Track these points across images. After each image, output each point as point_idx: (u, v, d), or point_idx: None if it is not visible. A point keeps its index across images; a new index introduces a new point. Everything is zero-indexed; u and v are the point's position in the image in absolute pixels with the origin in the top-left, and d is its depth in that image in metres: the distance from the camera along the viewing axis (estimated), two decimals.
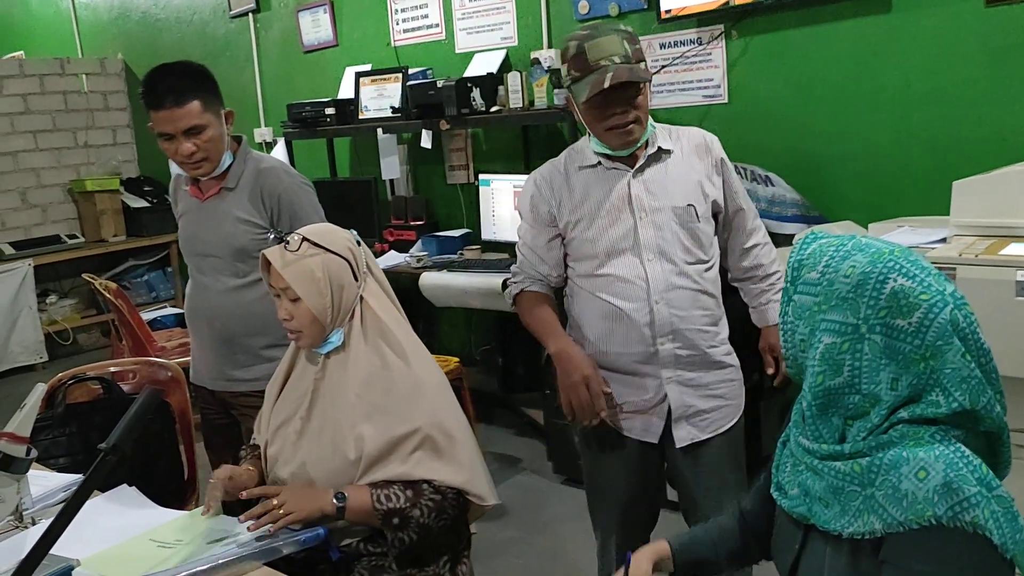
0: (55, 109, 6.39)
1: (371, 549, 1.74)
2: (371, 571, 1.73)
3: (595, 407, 2.00)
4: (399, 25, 4.76)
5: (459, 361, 3.77)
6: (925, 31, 3.08)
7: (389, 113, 4.43)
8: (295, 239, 1.74)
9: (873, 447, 1.15)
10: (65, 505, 1.31)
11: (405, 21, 4.73)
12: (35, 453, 1.65)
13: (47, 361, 5.94)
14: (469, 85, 4.00)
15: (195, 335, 2.49)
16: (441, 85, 4.03)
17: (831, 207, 3.33)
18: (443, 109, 4.01)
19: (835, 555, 1.20)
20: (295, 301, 1.73)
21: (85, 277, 4.67)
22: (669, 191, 2.01)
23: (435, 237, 4.34)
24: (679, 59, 3.66)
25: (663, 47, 3.71)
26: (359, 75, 4.70)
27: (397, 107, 4.39)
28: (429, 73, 4.49)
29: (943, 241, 2.46)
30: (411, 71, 4.50)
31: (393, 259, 4.31)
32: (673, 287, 1.99)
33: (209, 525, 1.69)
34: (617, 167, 2.03)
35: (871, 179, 3.28)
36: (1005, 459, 1.19)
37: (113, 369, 2.64)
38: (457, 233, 4.40)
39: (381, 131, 4.50)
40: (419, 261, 4.14)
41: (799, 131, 3.43)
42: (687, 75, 3.67)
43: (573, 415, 2.04)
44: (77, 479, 1.87)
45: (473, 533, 1.92)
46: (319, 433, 1.77)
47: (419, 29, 4.67)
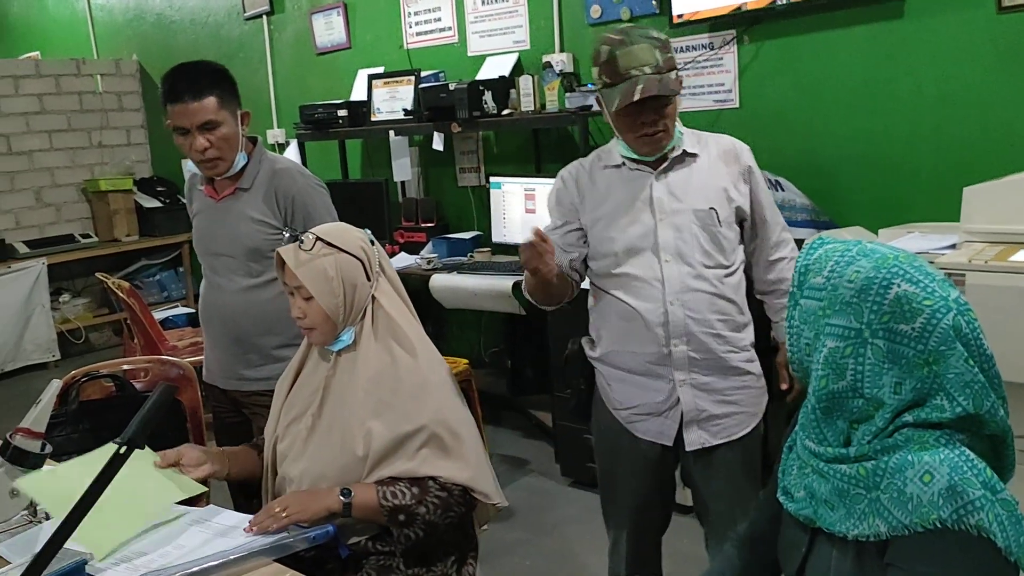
0: (70, 109, 6.44)
1: (379, 548, 1.75)
2: (378, 570, 1.74)
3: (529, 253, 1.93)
4: (412, 28, 4.78)
5: (468, 363, 3.77)
6: (937, 37, 3.08)
7: (401, 115, 4.45)
8: (309, 238, 1.76)
9: (878, 450, 1.16)
10: (80, 500, 1.32)
11: (418, 24, 4.75)
12: (50, 448, 1.68)
13: (59, 359, 5.99)
14: (481, 88, 4.01)
15: (208, 334, 2.51)
16: (453, 88, 4.05)
17: (841, 212, 3.33)
18: (455, 112, 4.02)
19: (841, 558, 1.21)
20: (308, 299, 1.75)
21: (98, 276, 4.70)
22: (691, 194, 2.02)
23: (446, 239, 4.36)
24: (691, 63, 3.67)
25: (675, 51, 3.72)
26: (372, 77, 4.73)
27: (409, 109, 4.41)
28: (441, 76, 4.51)
29: (953, 247, 2.46)
30: (423, 74, 4.52)
31: (403, 261, 4.33)
32: (689, 289, 1.99)
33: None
34: (641, 168, 2.04)
35: (881, 184, 3.28)
36: (1009, 463, 1.20)
37: (126, 367, 2.66)
38: (467, 235, 4.41)
39: (393, 133, 4.52)
40: (429, 263, 4.16)
41: (810, 136, 3.43)
42: (699, 79, 3.68)
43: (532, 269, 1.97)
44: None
45: (484, 530, 1.94)
46: (328, 430, 1.78)
47: (432, 32, 4.69)
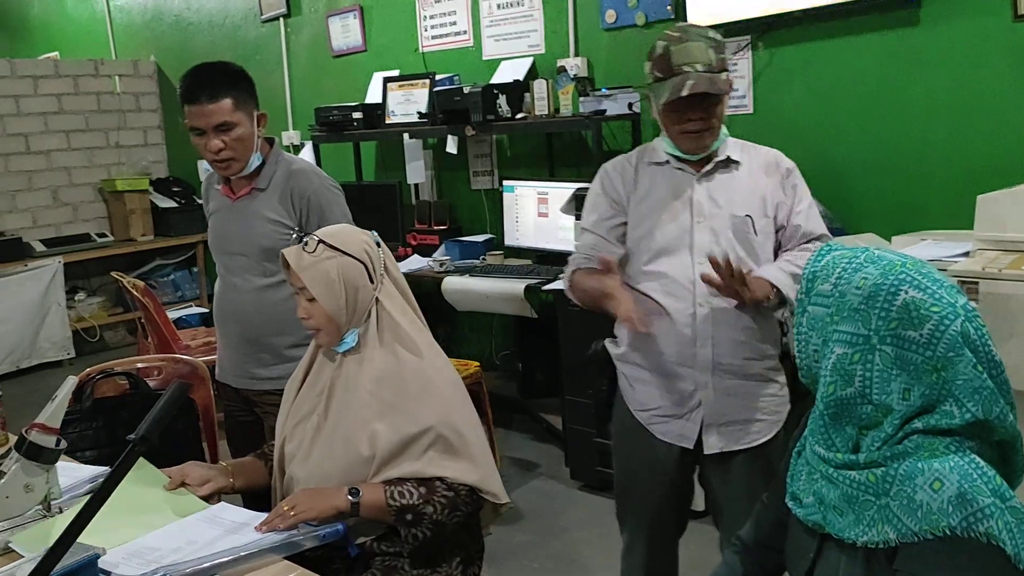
0: (88, 109, 6.49)
1: (384, 548, 1.76)
2: (384, 571, 1.75)
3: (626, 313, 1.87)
4: (427, 31, 4.80)
5: (479, 366, 3.78)
6: (952, 45, 3.07)
7: (415, 118, 4.47)
8: (312, 241, 1.77)
9: (888, 457, 1.16)
10: (93, 495, 1.34)
11: (433, 28, 4.77)
12: (64, 444, 1.69)
13: (74, 357, 6.03)
14: (495, 92, 4.02)
15: (222, 333, 2.53)
16: (468, 91, 4.06)
17: (854, 219, 3.32)
18: (469, 115, 4.03)
19: (849, 564, 1.21)
20: (312, 301, 1.77)
21: (113, 275, 4.74)
22: (731, 200, 2.02)
23: (458, 242, 4.37)
24: None
25: None
26: (387, 80, 4.75)
27: (424, 112, 4.42)
28: (456, 79, 4.52)
29: (966, 255, 2.45)
30: (438, 77, 4.53)
31: (416, 263, 4.34)
32: (715, 293, 1.98)
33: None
34: (684, 168, 2.05)
35: (895, 192, 3.27)
36: (1019, 469, 1.20)
37: (140, 365, 2.69)
38: (480, 238, 4.43)
39: (407, 136, 4.54)
40: (442, 265, 4.17)
41: (823, 142, 3.42)
42: None
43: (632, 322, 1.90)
44: (104, 471, 1.90)
45: (488, 534, 1.94)
46: (334, 431, 1.80)
47: (447, 36, 4.71)
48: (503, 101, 4.02)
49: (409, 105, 4.59)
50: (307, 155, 5.07)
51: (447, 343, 4.55)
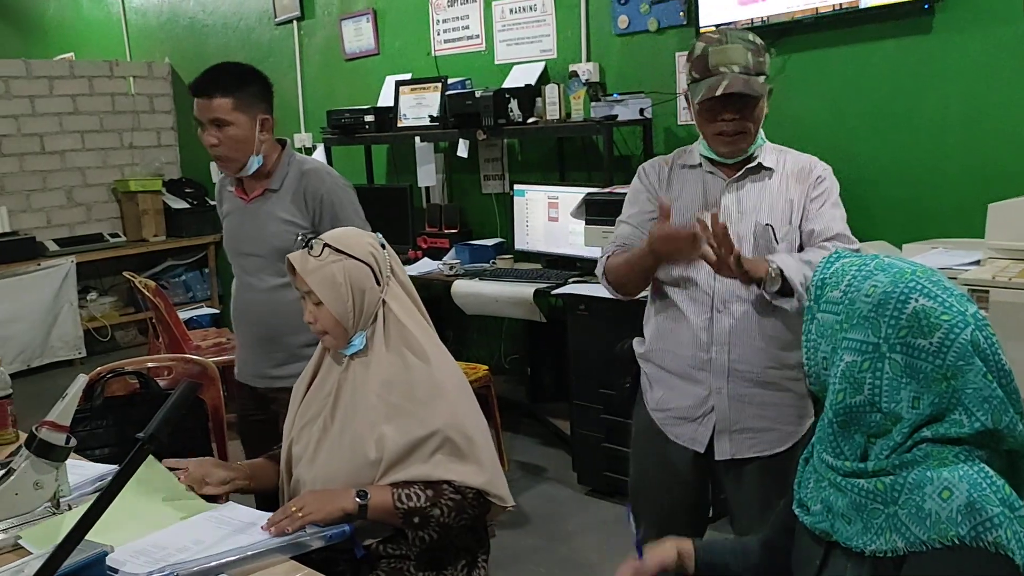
0: (103, 110, 6.53)
1: (390, 551, 1.76)
2: (389, 573, 1.75)
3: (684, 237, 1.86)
4: (440, 35, 4.81)
5: (488, 369, 3.79)
6: (965, 53, 3.06)
7: (427, 122, 4.49)
8: (318, 245, 1.78)
9: (897, 466, 1.16)
10: (101, 493, 1.34)
11: (446, 31, 4.78)
12: (74, 442, 1.70)
13: (85, 356, 6.07)
14: (507, 96, 4.04)
15: (239, 333, 2.57)
16: (479, 95, 4.08)
17: (865, 227, 3.30)
18: (480, 119, 4.05)
19: (856, 572, 1.21)
20: (318, 304, 1.77)
21: (125, 275, 4.77)
22: (757, 207, 2.03)
23: (468, 245, 4.37)
24: None
25: None
26: (399, 83, 4.77)
27: (435, 116, 4.44)
28: (468, 83, 4.54)
29: (977, 263, 2.44)
30: (450, 81, 4.55)
31: (426, 266, 4.35)
32: (738, 299, 1.99)
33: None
34: (715, 172, 2.06)
35: (906, 200, 3.26)
36: None
37: (150, 365, 2.71)
38: (490, 242, 4.43)
39: (419, 139, 4.55)
40: (452, 269, 4.18)
41: (834, 150, 3.40)
42: None
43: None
44: (113, 469, 1.91)
45: (492, 537, 1.94)
46: (340, 434, 1.80)
47: (459, 40, 4.72)
48: (515, 105, 4.03)
49: (421, 109, 4.61)
50: (319, 158, 5.08)
51: (456, 346, 4.55)
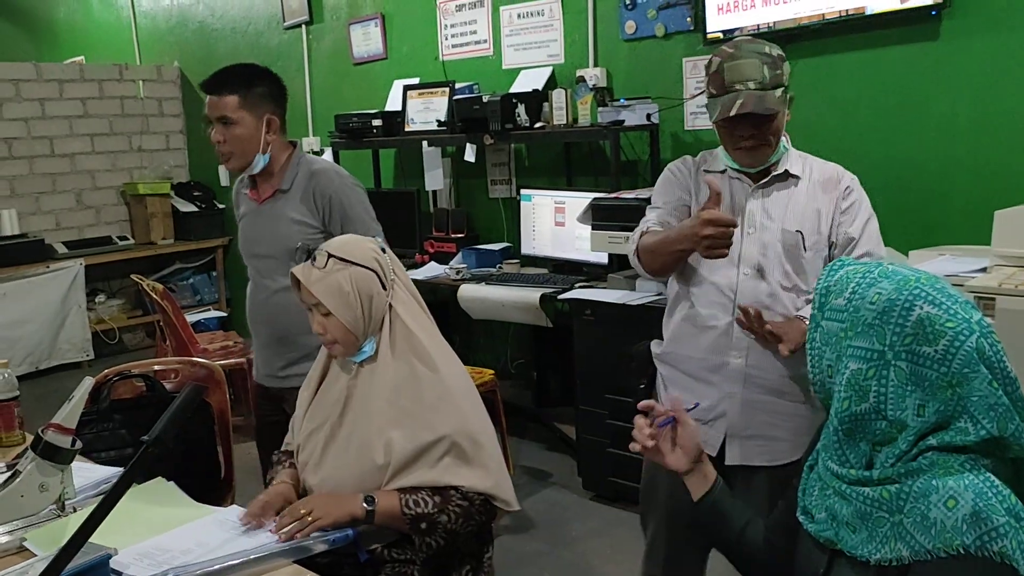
0: (112, 114, 6.56)
1: (395, 556, 1.76)
2: None
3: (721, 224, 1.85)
4: (448, 40, 4.82)
5: (494, 374, 3.79)
6: (973, 59, 3.06)
7: (435, 126, 4.49)
8: (321, 255, 1.78)
9: (902, 474, 1.15)
10: (106, 495, 1.35)
11: (454, 36, 4.79)
12: (80, 444, 1.70)
13: (93, 359, 6.08)
14: (514, 101, 4.04)
15: (254, 333, 2.59)
16: (487, 100, 4.08)
17: None
18: (488, 124, 4.05)
19: None
20: (326, 315, 1.77)
21: (133, 278, 4.79)
22: (784, 214, 2.02)
23: (475, 250, 4.38)
24: None
25: None
26: (407, 88, 4.78)
27: (443, 120, 4.44)
28: (475, 88, 4.55)
29: (983, 270, 2.43)
30: (458, 85, 4.56)
31: (433, 270, 4.36)
32: (759, 305, 1.98)
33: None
34: (741, 179, 2.06)
35: (913, 206, 3.25)
36: None
37: (157, 367, 2.71)
38: (497, 247, 4.43)
39: (426, 144, 4.56)
40: (458, 273, 4.18)
41: (842, 156, 3.35)
42: None
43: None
44: (118, 472, 1.91)
45: (497, 535, 1.94)
46: (347, 440, 1.80)
47: (467, 44, 4.73)
48: (522, 110, 4.04)
49: (428, 113, 4.61)
50: None
51: (462, 351, 4.52)
